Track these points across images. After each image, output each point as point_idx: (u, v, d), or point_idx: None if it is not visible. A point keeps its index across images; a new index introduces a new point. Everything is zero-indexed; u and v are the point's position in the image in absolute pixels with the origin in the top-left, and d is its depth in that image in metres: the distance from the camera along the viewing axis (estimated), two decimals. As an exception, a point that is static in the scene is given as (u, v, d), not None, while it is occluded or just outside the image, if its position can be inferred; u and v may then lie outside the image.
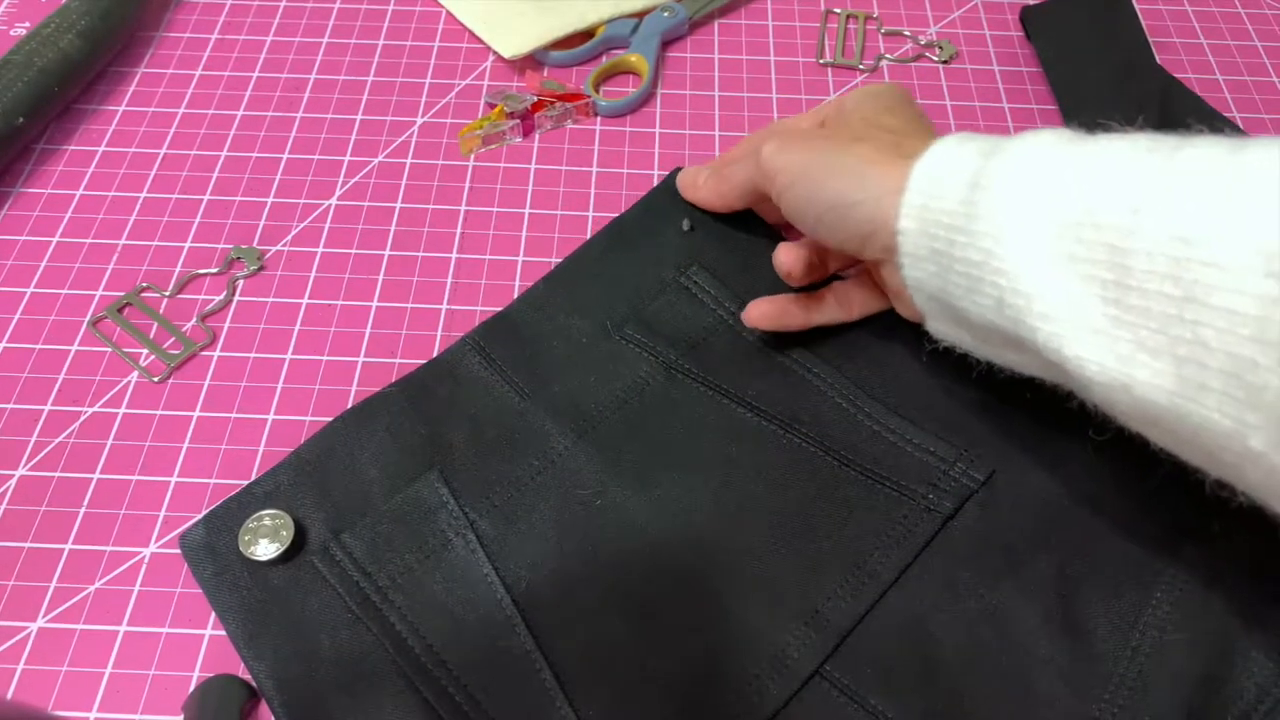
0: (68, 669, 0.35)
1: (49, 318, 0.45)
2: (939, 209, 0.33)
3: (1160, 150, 0.29)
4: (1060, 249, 0.29)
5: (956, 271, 0.33)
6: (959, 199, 0.32)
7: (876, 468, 0.38)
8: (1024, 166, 0.31)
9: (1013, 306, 0.31)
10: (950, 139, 0.34)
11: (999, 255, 0.31)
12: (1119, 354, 0.28)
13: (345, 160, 0.51)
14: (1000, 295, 0.31)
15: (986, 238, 0.31)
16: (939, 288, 0.34)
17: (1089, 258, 0.28)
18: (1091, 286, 0.28)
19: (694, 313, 0.43)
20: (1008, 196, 0.31)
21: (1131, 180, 0.28)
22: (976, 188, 0.32)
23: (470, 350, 0.42)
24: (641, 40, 0.56)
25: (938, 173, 0.33)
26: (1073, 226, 0.29)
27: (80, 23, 0.51)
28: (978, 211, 0.31)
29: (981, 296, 0.32)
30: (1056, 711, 0.33)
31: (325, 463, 0.39)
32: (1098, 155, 0.30)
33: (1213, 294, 0.26)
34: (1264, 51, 0.58)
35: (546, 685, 0.33)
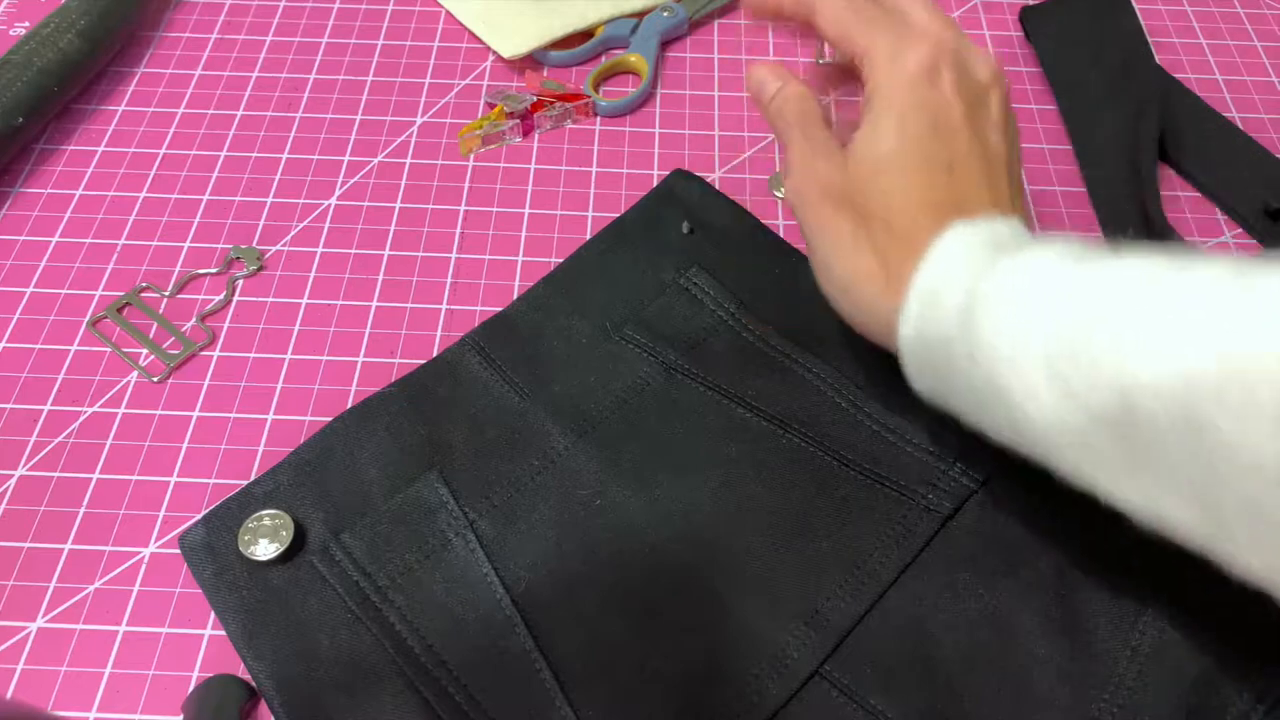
0: (67, 669, 0.35)
1: (48, 318, 0.45)
2: (939, 322, 0.32)
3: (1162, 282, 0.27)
4: (1059, 379, 0.28)
5: (962, 388, 0.32)
6: (957, 316, 0.31)
7: (876, 467, 0.38)
8: (1018, 293, 0.30)
9: (1025, 431, 0.30)
10: (954, 238, 0.33)
11: (1001, 378, 0.30)
12: (1146, 493, 0.27)
13: (345, 160, 0.51)
14: (1010, 418, 0.30)
15: (986, 359, 0.30)
16: (946, 399, 0.34)
17: (1092, 394, 0.27)
18: (1100, 423, 0.27)
19: (694, 313, 0.43)
20: (1002, 317, 0.30)
21: (1128, 315, 0.27)
22: (973, 305, 0.31)
23: (470, 350, 0.42)
24: (641, 40, 0.56)
25: (937, 283, 0.32)
26: (1069, 359, 0.28)
27: (79, 23, 0.51)
28: (975, 331, 0.30)
29: (991, 416, 0.31)
30: (1056, 711, 0.33)
31: (325, 463, 0.39)
32: (1094, 284, 0.29)
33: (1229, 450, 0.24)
34: (1263, 51, 0.58)
35: (546, 685, 0.33)
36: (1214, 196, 0.50)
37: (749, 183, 0.50)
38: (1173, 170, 0.51)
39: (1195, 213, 0.50)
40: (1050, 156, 0.52)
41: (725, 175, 0.51)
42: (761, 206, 0.49)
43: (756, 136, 0.53)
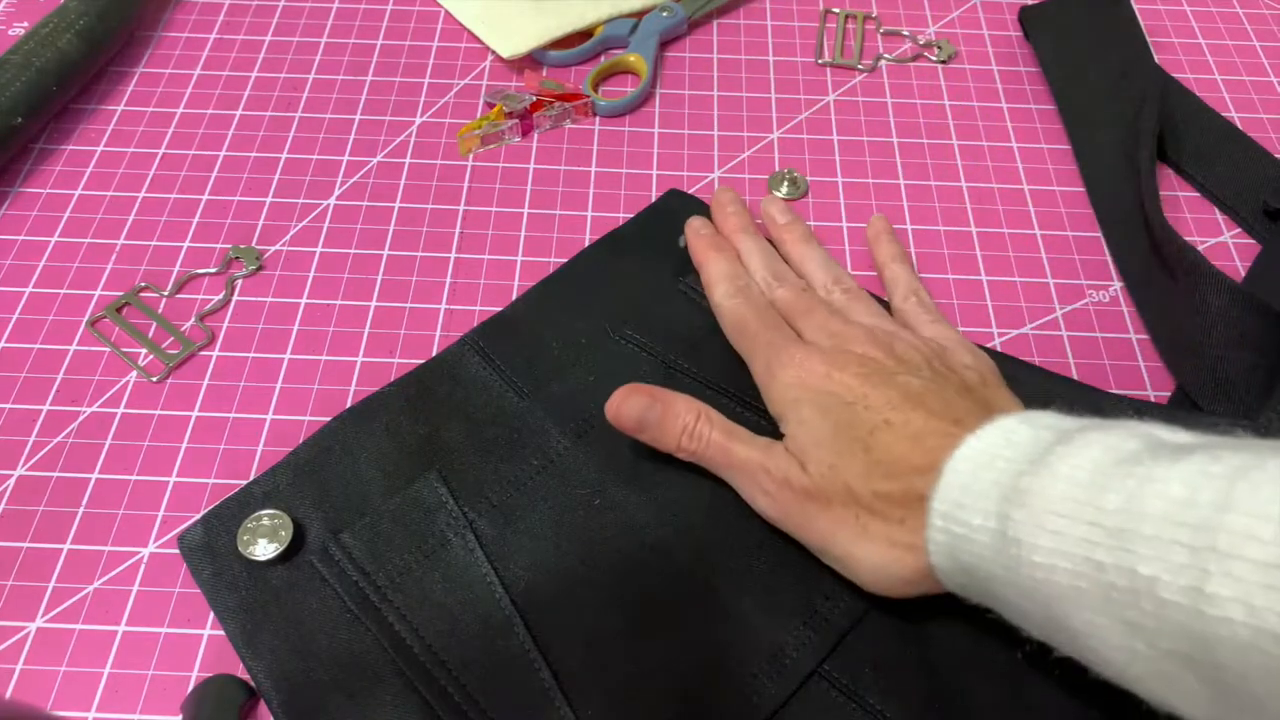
0: (66, 669, 0.35)
1: (47, 317, 0.45)
2: (974, 564, 0.29)
3: (1199, 506, 0.24)
4: (1125, 616, 0.25)
5: (1024, 619, 0.30)
6: (992, 553, 0.28)
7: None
8: (1053, 512, 0.27)
9: (1097, 664, 0.27)
10: (960, 463, 0.30)
11: (1059, 618, 0.27)
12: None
13: (344, 160, 0.51)
14: (1079, 652, 0.28)
15: (1039, 597, 0.28)
16: (1012, 620, 0.31)
17: (1162, 631, 0.24)
18: (1178, 662, 0.24)
19: (693, 314, 0.43)
20: (1045, 554, 0.27)
21: (1182, 549, 0.24)
22: (1007, 537, 0.28)
23: (469, 350, 0.42)
24: (640, 40, 0.56)
25: (958, 520, 0.30)
26: (1129, 594, 0.25)
27: (79, 22, 0.51)
28: (1020, 569, 0.28)
29: (1059, 644, 0.29)
30: (1055, 710, 0.33)
31: (324, 463, 0.39)
32: (1138, 504, 0.25)
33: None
34: (1262, 51, 0.58)
35: (545, 685, 0.33)
36: (1213, 196, 0.50)
37: (748, 182, 0.50)
38: (1172, 170, 0.52)
39: (1194, 213, 0.50)
40: (1049, 156, 0.52)
41: (724, 175, 0.51)
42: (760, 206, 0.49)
43: (755, 137, 0.53)
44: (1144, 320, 0.45)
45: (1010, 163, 0.52)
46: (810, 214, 0.49)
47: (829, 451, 0.34)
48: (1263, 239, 0.48)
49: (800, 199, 0.50)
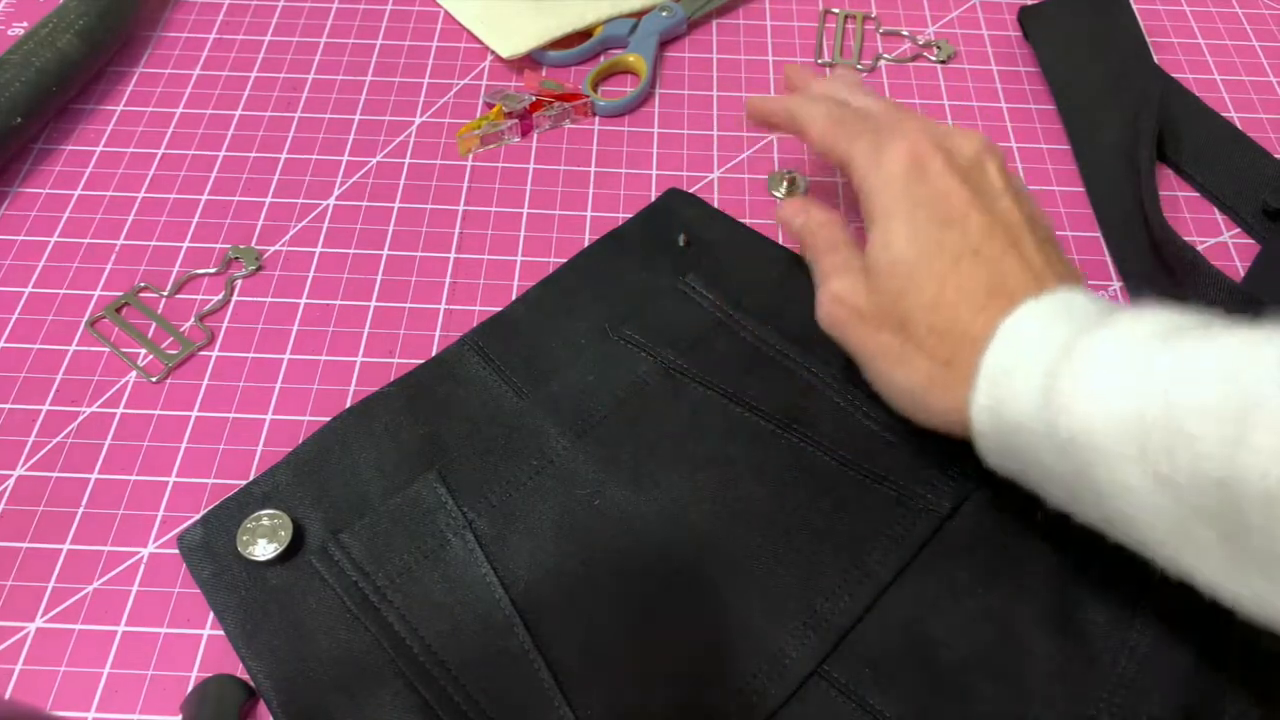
0: (66, 669, 0.35)
1: (47, 318, 0.45)
2: (1015, 412, 0.30)
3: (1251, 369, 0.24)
4: (1157, 471, 0.26)
5: (1051, 479, 0.30)
6: (1035, 406, 0.29)
7: (875, 467, 0.38)
8: (1103, 371, 0.27)
9: (1120, 524, 0.28)
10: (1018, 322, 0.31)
11: (1092, 472, 0.28)
12: (1255, 590, 0.25)
13: (343, 160, 0.51)
14: (1103, 511, 0.29)
15: (1073, 452, 0.28)
16: (1035, 486, 0.32)
17: (1193, 486, 0.25)
18: (1203, 518, 0.25)
19: (692, 314, 0.43)
20: (1088, 406, 0.27)
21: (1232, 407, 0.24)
22: (1052, 393, 0.28)
23: (469, 350, 0.43)
24: (640, 40, 0.56)
25: (1007, 370, 0.30)
26: (1165, 451, 0.25)
27: (78, 22, 0.51)
28: (1059, 422, 0.28)
29: (1083, 506, 0.30)
30: (1054, 711, 0.33)
31: (323, 463, 0.39)
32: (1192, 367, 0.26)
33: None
34: (1261, 52, 0.58)
35: (545, 685, 0.33)
36: (1212, 196, 0.50)
37: (747, 182, 0.50)
38: (1171, 170, 0.52)
39: (1194, 213, 0.50)
40: (1049, 156, 0.52)
41: (723, 175, 0.51)
42: (760, 206, 0.49)
43: (755, 137, 0.53)
44: (1143, 320, 0.45)
45: (1010, 163, 0.52)
46: (810, 214, 0.49)
47: (902, 275, 0.34)
48: (1262, 239, 0.48)
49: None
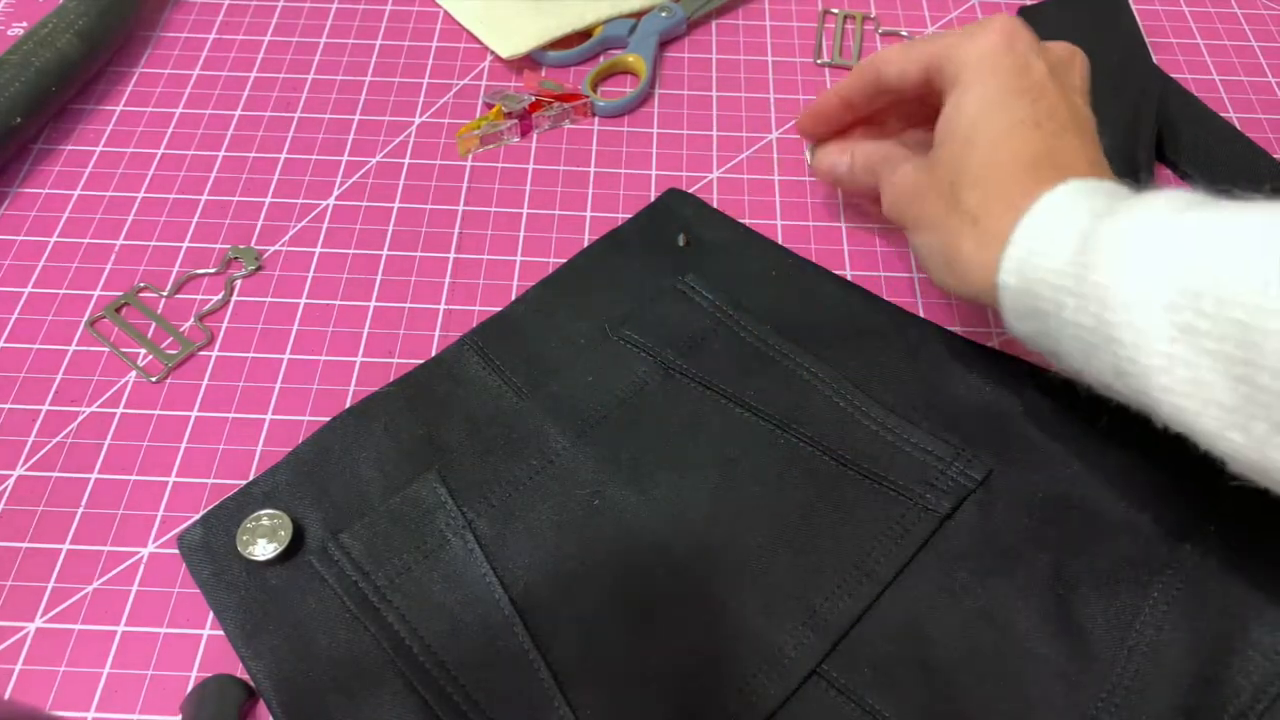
0: (65, 669, 0.35)
1: (46, 318, 0.45)
2: (1045, 267, 0.31)
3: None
4: (1179, 319, 0.27)
5: (1068, 335, 0.31)
6: (1067, 259, 0.30)
7: (874, 467, 0.38)
8: (1141, 228, 0.29)
9: (1132, 375, 0.29)
10: (1063, 190, 0.32)
11: (1112, 323, 0.29)
12: (1255, 434, 0.26)
13: (343, 160, 0.51)
14: (1116, 363, 0.29)
15: (1098, 303, 0.29)
16: (1051, 344, 0.33)
17: (1213, 332, 0.26)
18: (1218, 362, 0.26)
19: (692, 314, 0.43)
20: (1121, 259, 0.29)
21: (1264, 253, 0.26)
22: (1086, 249, 0.30)
23: (469, 350, 0.43)
24: (639, 40, 0.56)
25: (1045, 228, 0.31)
26: (1193, 296, 0.27)
27: (78, 23, 0.51)
28: (1088, 275, 0.29)
29: (1097, 361, 0.30)
30: (1053, 711, 0.33)
31: (323, 463, 0.39)
32: (1225, 222, 0.28)
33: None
34: (1260, 52, 0.58)
35: (544, 685, 0.33)
36: (1211, 196, 0.50)
37: (747, 183, 0.51)
38: (1170, 170, 0.52)
39: (1192, 213, 0.50)
40: (1048, 157, 0.52)
41: (723, 175, 0.51)
42: (760, 206, 0.49)
43: (754, 137, 0.53)
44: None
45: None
46: (809, 214, 0.49)
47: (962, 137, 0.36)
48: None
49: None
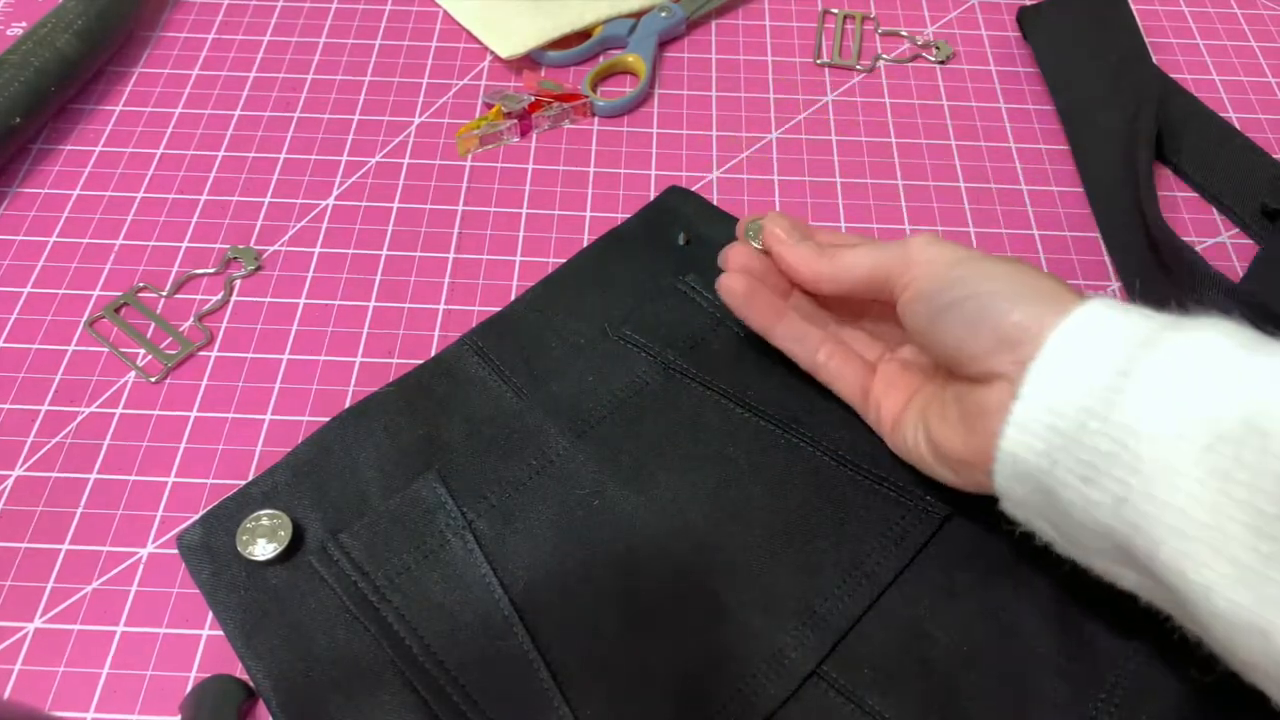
0: (65, 669, 0.35)
1: (46, 318, 0.45)
2: (1074, 386, 0.29)
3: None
4: (1214, 463, 0.26)
5: (1075, 457, 0.29)
6: (1102, 383, 0.28)
7: (874, 468, 0.38)
8: (1186, 363, 0.27)
9: (1136, 510, 0.27)
10: (1103, 305, 0.30)
11: (1134, 452, 0.27)
12: (1264, 595, 0.25)
13: (342, 160, 0.51)
14: (1125, 495, 0.28)
15: (1122, 429, 0.27)
16: (1041, 469, 0.30)
17: (1248, 482, 0.25)
18: (1244, 513, 0.25)
19: (692, 314, 0.43)
20: (1161, 391, 0.27)
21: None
22: (1124, 375, 0.28)
23: (468, 350, 0.43)
24: (639, 40, 0.56)
25: (1082, 345, 0.29)
26: (1234, 442, 0.25)
27: (77, 22, 0.51)
28: (1122, 400, 0.28)
29: (1098, 491, 0.28)
30: (1053, 711, 0.33)
31: (323, 463, 0.39)
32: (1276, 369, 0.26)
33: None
34: (1260, 52, 0.58)
35: (544, 685, 0.33)
36: (1211, 197, 0.50)
37: (746, 183, 0.51)
38: (1170, 170, 0.52)
39: (1192, 213, 0.50)
40: (1048, 157, 0.52)
41: (723, 175, 0.51)
42: (760, 207, 0.49)
43: (754, 137, 0.53)
44: (1142, 320, 0.45)
45: (1008, 163, 0.52)
46: (809, 214, 0.49)
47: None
48: (1260, 239, 0.48)
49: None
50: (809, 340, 0.39)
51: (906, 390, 0.38)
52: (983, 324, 0.32)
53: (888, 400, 0.38)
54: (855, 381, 0.39)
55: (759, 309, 0.39)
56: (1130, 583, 0.30)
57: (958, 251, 0.34)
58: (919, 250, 0.35)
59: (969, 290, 0.33)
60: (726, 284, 0.39)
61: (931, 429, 0.35)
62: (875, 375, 0.39)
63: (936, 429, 0.35)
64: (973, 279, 0.33)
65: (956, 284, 0.33)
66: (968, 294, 0.33)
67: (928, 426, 0.35)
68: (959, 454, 0.33)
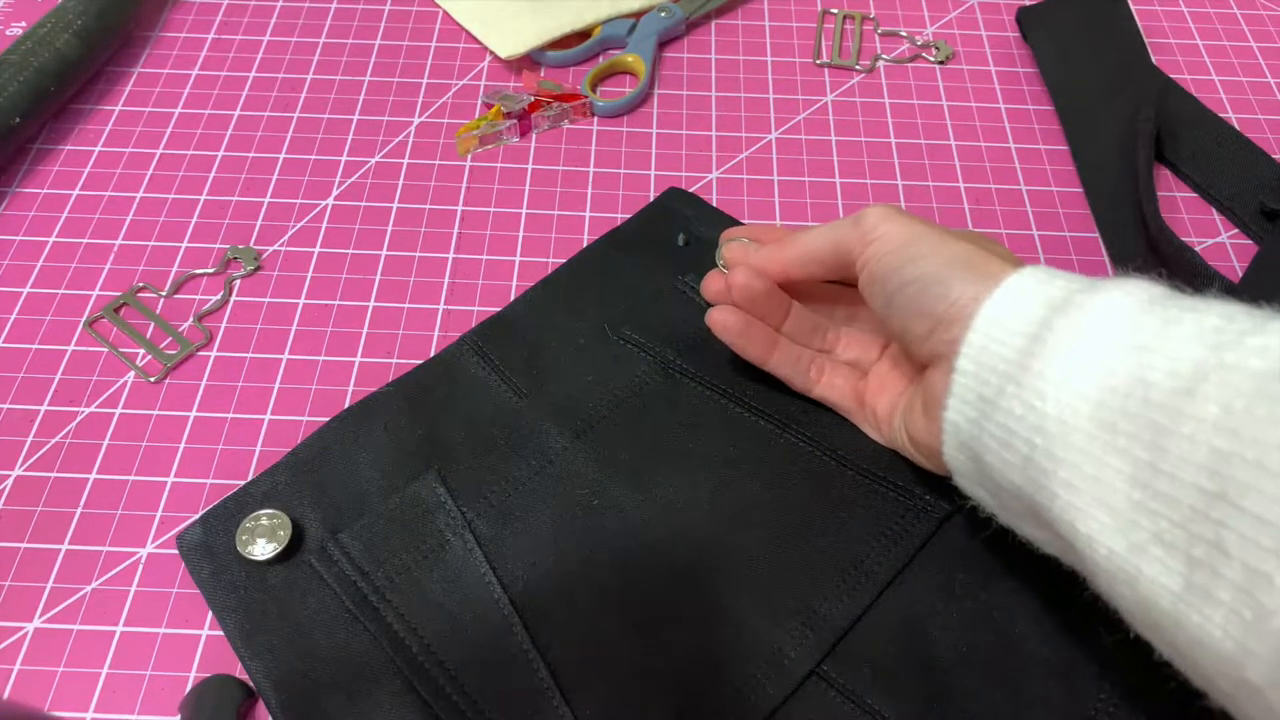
0: (64, 669, 0.35)
1: (45, 318, 0.45)
2: (997, 354, 0.30)
3: (1227, 332, 0.26)
4: (1103, 416, 0.27)
5: (995, 421, 0.30)
6: (1018, 347, 0.30)
7: (874, 468, 0.38)
8: (1092, 325, 0.28)
9: (1038, 468, 0.28)
10: (1030, 275, 0.31)
11: (1040, 412, 0.28)
12: (1132, 541, 0.26)
13: (342, 160, 0.51)
14: (1030, 454, 0.29)
15: (1032, 392, 0.29)
16: (973, 436, 0.31)
17: (1129, 431, 0.26)
18: (1124, 463, 0.26)
19: (691, 314, 0.43)
20: (1065, 353, 0.28)
21: (1191, 360, 0.26)
22: (1037, 339, 0.29)
23: (468, 350, 0.43)
24: (638, 40, 0.56)
25: (1005, 314, 0.30)
26: (1121, 395, 0.26)
27: (76, 22, 0.51)
28: (1032, 363, 0.29)
29: (1011, 453, 0.30)
30: (1052, 711, 0.33)
31: (322, 463, 0.39)
32: (1166, 325, 0.27)
33: (1247, 495, 0.23)
34: (1259, 53, 0.58)
35: (543, 685, 0.33)
36: (1210, 197, 0.50)
37: (746, 183, 0.51)
38: (1169, 171, 0.52)
39: (1191, 213, 0.50)
40: (1047, 157, 0.52)
41: (722, 175, 0.51)
42: (759, 207, 0.49)
43: (754, 137, 0.53)
44: (1141, 320, 0.45)
45: (1008, 163, 0.52)
46: (808, 215, 0.49)
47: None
48: (1260, 239, 0.48)
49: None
50: (801, 363, 0.40)
51: (895, 390, 0.38)
52: (923, 307, 0.33)
53: (880, 403, 0.38)
54: (849, 391, 0.39)
55: (755, 342, 0.39)
56: (1046, 544, 0.31)
57: (912, 227, 0.34)
58: (873, 226, 0.35)
59: (914, 273, 0.33)
60: (720, 320, 0.39)
61: (908, 421, 0.36)
62: (867, 379, 0.39)
63: (910, 420, 0.36)
64: (920, 260, 0.33)
65: (906, 265, 0.33)
66: (912, 278, 0.33)
67: (906, 419, 0.36)
68: (924, 439, 0.35)
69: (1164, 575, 0.25)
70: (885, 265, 0.34)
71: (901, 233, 0.34)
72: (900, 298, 0.34)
